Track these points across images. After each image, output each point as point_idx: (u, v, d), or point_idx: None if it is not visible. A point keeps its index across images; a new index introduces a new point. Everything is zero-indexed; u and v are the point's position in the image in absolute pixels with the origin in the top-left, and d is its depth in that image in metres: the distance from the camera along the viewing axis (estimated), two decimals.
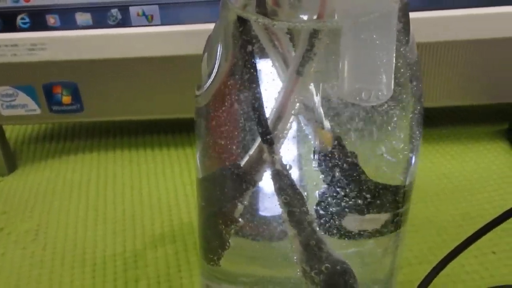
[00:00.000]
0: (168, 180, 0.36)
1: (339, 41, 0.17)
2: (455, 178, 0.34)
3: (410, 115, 0.20)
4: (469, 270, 0.28)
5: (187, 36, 0.34)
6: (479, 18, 0.33)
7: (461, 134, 0.40)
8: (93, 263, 0.29)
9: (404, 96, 0.20)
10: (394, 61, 0.18)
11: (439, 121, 0.42)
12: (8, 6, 0.34)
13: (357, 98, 0.18)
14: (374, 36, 0.17)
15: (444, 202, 0.31)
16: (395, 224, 0.23)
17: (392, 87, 0.18)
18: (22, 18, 0.35)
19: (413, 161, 0.21)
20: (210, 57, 0.20)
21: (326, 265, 0.20)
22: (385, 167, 0.21)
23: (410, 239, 0.28)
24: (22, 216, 0.34)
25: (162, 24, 0.34)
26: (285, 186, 0.20)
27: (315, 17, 0.17)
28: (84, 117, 0.38)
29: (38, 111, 0.37)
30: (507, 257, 0.28)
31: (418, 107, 0.21)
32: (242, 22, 0.19)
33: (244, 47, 0.19)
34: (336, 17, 0.17)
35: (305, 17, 0.18)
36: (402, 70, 0.19)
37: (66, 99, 0.37)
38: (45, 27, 0.35)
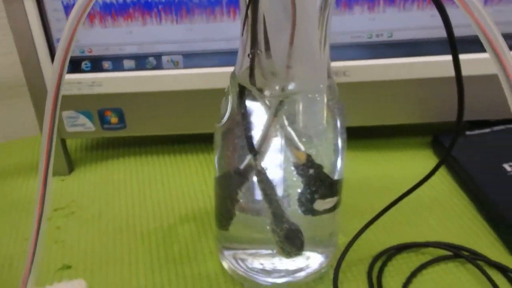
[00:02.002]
0: (189, 179, 0.50)
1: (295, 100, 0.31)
2: (384, 178, 0.48)
3: (334, 142, 0.34)
4: (379, 235, 0.41)
5: (202, 76, 0.48)
6: (407, 65, 0.47)
7: (393, 145, 0.53)
8: (141, 234, 0.43)
9: (331, 131, 0.33)
10: (324, 112, 0.32)
11: (375, 134, 0.55)
12: (76, 55, 0.47)
13: (307, 129, 0.32)
14: (312, 96, 0.31)
15: (369, 195, 0.43)
16: (336, 204, 0.36)
17: (324, 123, 0.32)
18: (85, 63, 0.48)
19: (338, 166, 0.35)
20: (226, 104, 0.34)
21: (285, 225, 0.34)
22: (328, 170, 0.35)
23: (343, 215, 0.41)
24: (86, 203, 0.47)
25: (185, 67, 0.48)
26: (263, 179, 0.33)
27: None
28: (126, 133, 0.51)
29: (93, 129, 0.51)
30: (406, 224, 0.42)
31: (340, 140, 0.34)
32: (241, 87, 0.32)
33: (242, 101, 0.32)
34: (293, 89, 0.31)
35: (277, 87, 0.31)
36: (330, 114, 0.33)
37: (114, 120, 0.50)
38: (101, 69, 0.48)
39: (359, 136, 0.54)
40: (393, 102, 0.49)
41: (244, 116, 0.32)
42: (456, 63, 0.28)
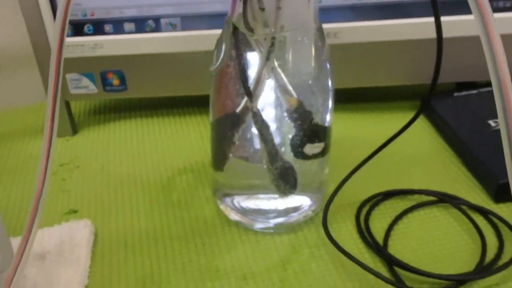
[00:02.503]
0: (187, 137, 0.52)
1: (286, 43, 0.33)
2: (373, 136, 0.49)
3: (323, 85, 0.36)
4: (368, 184, 0.43)
5: (200, 38, 0.50)
6: (396, 26, 0.49)
7: (383, 108, 0.55)
8: (141, 184, 0.45)
9: (320, 75, 0.36)
10: (313, 55, 0.34)
11: (365, 97, 0.57)
12: (79, 19, 0.49)
13: (297, 71, 0.34)
14: (301, 39, 0.33)
15: (358, 150, 0.44)
16: (325, 149, 0.38)
17: (312, 66, 0.34)
18: (88, 27, 0.50)
19: (327, 113, 0.37)
20: (219, 48, 0.36)
21: (280, 163, 0.36)
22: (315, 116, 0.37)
23: (333, 167, 0.43)
24: (90, 158, 0.49)
25: (183, 30, 0.50)
26: (258, 120, 0.35)
27: (273, 29, 0.33)
28: (127, 95, 0.53)
29: (96, 91, 0.53)
30: (394, 175, 0.44)
31: (329, 81, 0.36)
32: (235, 29, 0.34)
33: (237, 44, 0.34)
34: (284, 29, 0.33)
35: (267, 30, 0.33)
36: (319, 60, 0.35)
37: (116, 82, 0.52)
38: (103, 32, 0.50)
39: (349, 99, 0.56)
40: (383, 63, 0.51)
41: (238, 58, 0.34)
42: (438, 23, 0.30)
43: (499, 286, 0.34)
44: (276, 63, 0.35)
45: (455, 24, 0.49)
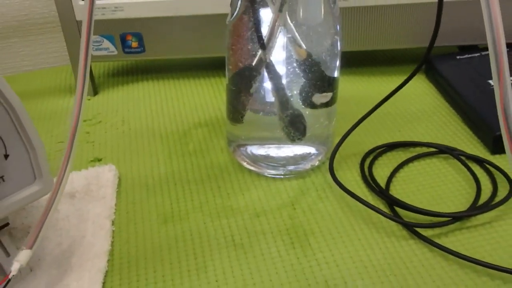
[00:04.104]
0: (201, 95, 0.54)
1: None
2: (379, 95, 0.52)
3: (331, 38, 0.38)
4: (372, 137, 0.46)
5: (215, 2, 0.52)
6: None
7: (390, 70, 0.57)
8: (160, 136, 0.48)
9: (330, 24, 0.38)
10: (322, 4, 0.36)
11: (373, 61, 0.59)
12: None
13: (307, 21, 0.36)
14: None
15: (364, 107, 0.46)
16: (332, 100, 0.41)
17: (321, 17, 0.36)
18: None
19: (335, 63, 0.39)
20: (234, 1, 0.38)
21: (290, 111, 0.39)
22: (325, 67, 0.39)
23: (340, 122, 0.46)
24: (111, 114, 0.52)
25: None
26: (271, 70, 0.38)
27: None
28: (145, 56, 0.55)
29: (115, 52, 0.55)
30: (397, 130, 0.47)
31: (337, 32, 0.38)
32: None
33: None
34: None
35: None
36: (327, 8, 0.37)
37: (134, 44, 0.55)
38: None
39: (356, 62, 0.58)
40: (389, 27, 0.53)
41: (253, 10, 0.37)
42: None
43: (491, 223, 0.36)
44: (288, 17, 0.37)
45: None
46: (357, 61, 0.58)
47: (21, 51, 0.67)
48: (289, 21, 0.37)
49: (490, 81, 0.49)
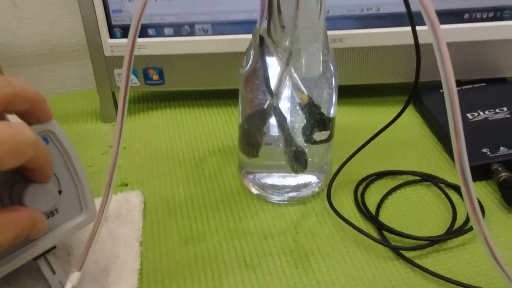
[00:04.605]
0: (215, 124, 0.59)
1: (300, 51, 0.40)
2: (371, 126, 0.56)
3: (329, 86, 0.43)
4: (364, 166, 0.51)
5: (227, 42, 0.57)
6: (392, 33, 0.56)
7: (381, 102, 0.62)
8: (178, 162, 0.53)
9: (326, 75, 0.43)
10: (321, 60, 0.41)
11: (366, 92, 0.64)
12: (127, 24, 0.57)
13: (308, 74, 0.41)
14: (312, 48, 0.40)
15: (358, 137, 0.50)
16: (330, 136, 0.46)
17: (320, 71, 0.41)
18: None
19: (332, 106, 0.44)
20: (248, 54, 0.43)
21: (294, 148, 0.44)
22: (323, 109, 0.44)
23: (336, 151, 0.51)
24: (134, 140, 0.57)
25: (213, 34, 0.57)
26: (277, 113, 0.43)
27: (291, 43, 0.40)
28: (165, 88, 0.60)
29: (138, 84, 0.60)
30: (386, 158, 0.51)
31: (333, 82, 0.43)
32: (261, 40, 0.41)
33: (262, 52, 0.41)
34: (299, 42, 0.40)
35: (287, 43, 0.40)
36: (325, 63, 0.42)
37: (155, 77, 0.60)
38: (146, 35, 0.57)
39: (352, 94, 0.63)
40: (380, 64, 0.58)
41: (263, 64, 0.41)
42: (414, 32, 0.37)
43: (464, 246, 0.41)
44: (292, 69, 0.42)
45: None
46: (351, 92, 0.63)
47: (49, 76, 0.72)
48: (293, 71, 0.42)
49: (468, 115, 0.54)
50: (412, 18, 0.39)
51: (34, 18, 0.68)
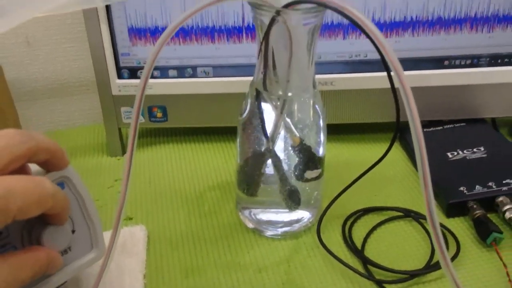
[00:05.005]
0: (214, 160, 0.62)
1: (293, 101, 0.44)
2: (359, 162, 0.60)
3: (318, 130, 0.46)
4: (352, 201, 0.53)
5: (227, 83, 0.60)
6: (378, 78, 0.59)
7: (368, 139, 0.65)
8: (180, 196, 0.55)
9: (315, 120, 0.46)
10: (311, 107, 0.44)
11: (354, 130, 0.67)
12: (134, 66, 0.60)
13: (300, 122, 0.45)
14: (303, 98, 0.44)
15: (347, 173, 0.53)
16: (320, 174, 0.49)
17: (311, 114, 0.45)
18: (140, 72, 0.61)
19: (321, 147, 0.47)
20: (245, 102, 0.46)
21: (288, 187, 0.47)
22: (313, 150, 0.47)
23: (326, 186, 0.53)
24: (138, 174, 0.60)
25: (214, 76, 0.60)
26: (273, 156, 0.46)
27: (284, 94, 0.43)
28: (168, 125, 0.63)
29: (143, 120, 0.63)
30: (372, 193, 0.54)
31: (322, 129, 0.46)
32: (258, 91, 0.45)
33: (258, 102, 0.45)
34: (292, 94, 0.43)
35: (280, 92, 0.44)
36: (314, 109, 0.45)
37: (159, 114, 0.63)
38: (152, 76, 0.60)
39: (341, 132, 0.66)
40: (368, 105, 0.61)
41: (260, 113, 0.45)
42: (390, 78, 0.40)
43: (441, 279, 0.44)
44: (285, 115, 0.45)
45: (424, 77, 0.59)
46: (341, 130, 0.66)
47: (58, 109, 0.75)
48: (286, 117, 0.45)
49: (448, 154, 0.57)
50: (387, 65, 0.42)
51: (46, 56, 0.71)
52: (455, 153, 0.57)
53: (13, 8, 0.27)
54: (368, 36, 0.32)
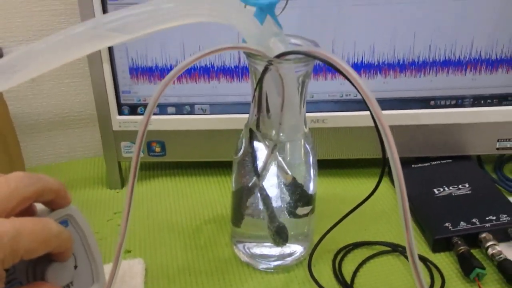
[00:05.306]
0: (210, 193, 0.64)
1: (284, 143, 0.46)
2: (349, 197, 0.62)
3: (309, 169, 0.49)
4: (342, 235, 0.56)
5: (223, 120, 0.63)
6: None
7: (358, 174, 0.68)
8: (177, 230, 0.57)
9: (306, 159, 0.48)
10: (302, 147, 0.47)
11: (345, 165, 0.69)
12: (134, 103, 0.62)
13: (292, 161, 0.47)
14: (294, 139, 0.46)
15: (337, 208, 0.54)
16: (312, 210, 0.51)
17: (302, 154, 0.47)
18: (140, 108, 0.63)
19: (311, 185, 0.50)
20: (240, 142, 0.49)
21: (276, 224, 0.49)
22: (305, 187, 0.49)
23: (317, 220, 0.56)
24: (137, 207, 0.62)
25: (211, 113, 0.63)
26: (262, 192, 0.48)
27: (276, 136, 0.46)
28: (166, 159, 0.66)
29: (142, 155, 0.66)
30: (362, 228, 0.56)
31: (312, 168, 0.49)
32: (251, 131, 0.47)
33: (252, 142, 0.47)
34: (283, 135, 0.46)
35: (273, 134, 0.46)
36: (305, 149, 0.48)
37: (158, 149, 0.65)
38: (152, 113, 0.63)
39: (332, 167, 0.69)
40: (358, 142, 0.64)
41: (252, 151, 0.47)
42: (372, 117, 0.43)
43: None
44: (278, 154, 0.47)
45: (407, 115, 0.62)
46: (332, 165, 0.68)
47: (60, 141, 0.78)
48: (278, 156, 0.48)
49: (435, 190, 0.60)
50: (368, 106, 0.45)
51: (49, 90, 0.74)
52: (441, 189, 0.59)
53: (24, 67, 0.30)
54: (351, 83, 0.36)
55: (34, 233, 0.32)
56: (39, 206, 0.38)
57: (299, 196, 0.50)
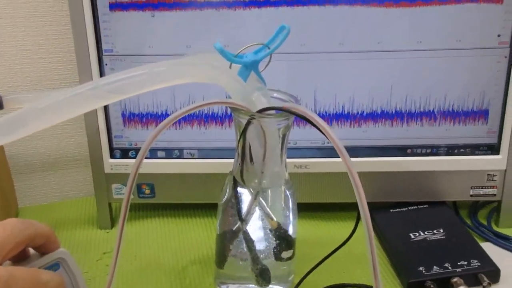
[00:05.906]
0: (197, 235, 0.67)
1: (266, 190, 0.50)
2: (329, 240, 0.65)
3: (289, 214, 0.52)
4: (322, 277, 0.58)
5: (210, 164, 0.66)
6: None
7: (338, 217, 0.71)
8: (164, 270, 0.60)
9: (287, 205, 0.52)
10: (282, 194, 0.50)
11: (325, 209, 0.72)
12: (125, 147, 0.66)
13: (274, 207, 0.50)
14: (276, 186, 0.50)
15: (317, 250, 0.57)
16: (293, 253, 0.54)
17: (282, 201, 0.50)
18: (131, 152, 0.66)
19: (292, 229, 0.53)
20: (224, 189, 0.52)
21: (259, 266, 0.51)
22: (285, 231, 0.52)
23: (298, 262, 0.58)
24: (126, 248, 0.64)
25: (199, 158, 0.67)
26: (246, 236, 0.51)
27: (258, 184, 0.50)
28: (155, 201, 0.68)
29: (132, 197, 0.69)
30: (341, 270, 0.59)
31: (292, 213, 0.52)
32: (235, 179, 0.51)
33: (235, 189, 0.51)
34: (265, 183, 0.49)
35: (256, 182, 0.50)
36: (286, 196, 0.51)
37: (147, 191, 0.68)
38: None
39: (314, 210, 0.72)
40: (340, 186, 0.67)
41: (236, 198, 0.51)
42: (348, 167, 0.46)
43: None
44: (262, 200, 0.51)
45: (385, 163, 0.66)
46: (314, 208, 0.71)
47: (52, 181, 0.80)
48: (263, 202, 0.51)
49: (411, 234, 0.63)
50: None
51: (43, 132, 0.77)
52: (417, 234, 0.63)
53: (29, 122, 0.34)
54: (324, 134, 0.40)
55: (27, 281, 0.35)
56: (31, 251, 0.41)
57: (283, 240, 0.53)
